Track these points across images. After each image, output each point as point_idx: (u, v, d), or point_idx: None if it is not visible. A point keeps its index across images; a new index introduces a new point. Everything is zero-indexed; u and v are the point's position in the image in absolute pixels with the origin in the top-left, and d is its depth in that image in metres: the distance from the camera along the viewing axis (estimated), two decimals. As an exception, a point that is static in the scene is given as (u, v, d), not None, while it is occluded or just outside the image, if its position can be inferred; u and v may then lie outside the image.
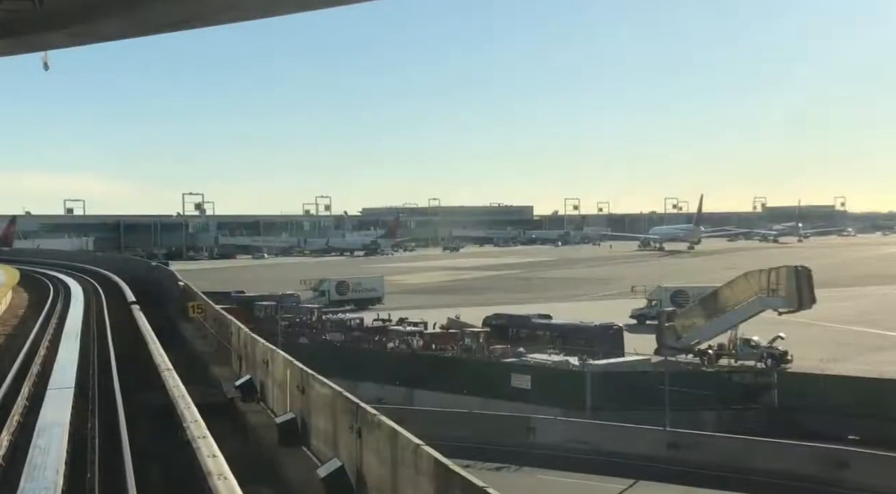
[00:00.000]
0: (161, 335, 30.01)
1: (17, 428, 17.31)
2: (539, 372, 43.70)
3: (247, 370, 25.04)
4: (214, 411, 18.68)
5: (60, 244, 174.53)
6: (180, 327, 38.89)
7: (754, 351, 56.45)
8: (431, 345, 53.12)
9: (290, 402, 19.22)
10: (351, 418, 14.55)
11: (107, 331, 34.43)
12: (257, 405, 22.22)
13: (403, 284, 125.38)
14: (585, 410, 40.04)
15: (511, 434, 37.39)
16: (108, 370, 25.20)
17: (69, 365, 25.04)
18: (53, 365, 25.11)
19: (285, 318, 69.19)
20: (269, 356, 21.86)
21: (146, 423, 18.98)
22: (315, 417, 17.28)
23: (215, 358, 30.25)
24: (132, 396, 21.31)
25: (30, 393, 20.96)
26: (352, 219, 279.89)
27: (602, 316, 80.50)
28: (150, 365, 24.56)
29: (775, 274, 57.38)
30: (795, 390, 41.92)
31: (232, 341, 28.37)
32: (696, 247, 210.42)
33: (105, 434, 17.03)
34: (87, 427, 17.49)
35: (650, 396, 40.36)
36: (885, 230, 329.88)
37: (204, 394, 21.24)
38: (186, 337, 36.22)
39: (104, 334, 33.85)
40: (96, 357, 28.19)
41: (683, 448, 34.91)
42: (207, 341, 34.18)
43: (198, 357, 31.01)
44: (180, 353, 28.87)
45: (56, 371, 24.00)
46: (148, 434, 17.99)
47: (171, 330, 37.20)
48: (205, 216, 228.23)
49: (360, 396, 17.50)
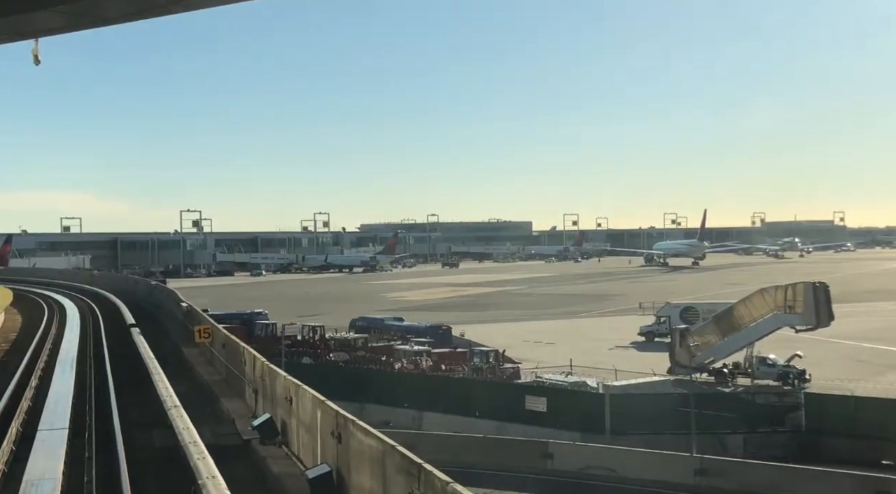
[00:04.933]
0: (164, 362, 28.25)
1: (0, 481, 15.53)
2: (555, 393, 41.75)
3: (265, 406, 22.47)
4: (229, 455, 16.88)
5: (57, 262, 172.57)
6: (184, 352, 36.56)
7: (771, 369, 54.64)
8: (441, 366, 51.11)
9: (323, 450, 16.47)
10: (410, 482, 11.56)
11: (105, 358, 32.44)
12: (279, 449, 19.64)
13: (405, 301, 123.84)
14: (605, 434, 38.16)
15: (527, 460, 35.45)
16: (106, 404, 23.10)
17: (63, 399, 23.09)
18: (46, 400, 23.16)
19: (287, 337, 67.38)
20: (292, 392, 19.30)
21: (152, 476, 16.87)
22: (357, 473, 14.43)
23: (226, 388, 28.06)
24: (135, 439, 19.43)
25: (17, 435, 18.98)
26: (350, 236, 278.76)
27: (611, 335, 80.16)
28: (153, 397, 22.75)
29: (792, 290, 55.75)
30: (821, 412, 39.85)
31: (245, 371, 25.77)
32: (700, 263, 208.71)
33: (103, 490, 15.22)
34: (82, 480, 15.63)
35: (672, 419, 38.60)
36: (883, 245, 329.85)
37: (216, 434, 19.52)
38: (192, 363, 33.80)
39: (102, 361, 31.84)
40: (94, 389, 26.09)
41: (712, 475, 32.79)
42: (216, 368, 31.86)
43: (206, 387, 28.79)
44: (186, 382, 27.16)
45: (48, 406, 22.13)
46: (155, 491, 16.04)
47: (174, 355, 35.25)
48: (202, 233, 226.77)
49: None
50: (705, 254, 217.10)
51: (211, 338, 33.44)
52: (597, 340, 77.39)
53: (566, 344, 74.61)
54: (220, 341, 31.86)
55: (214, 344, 33.06)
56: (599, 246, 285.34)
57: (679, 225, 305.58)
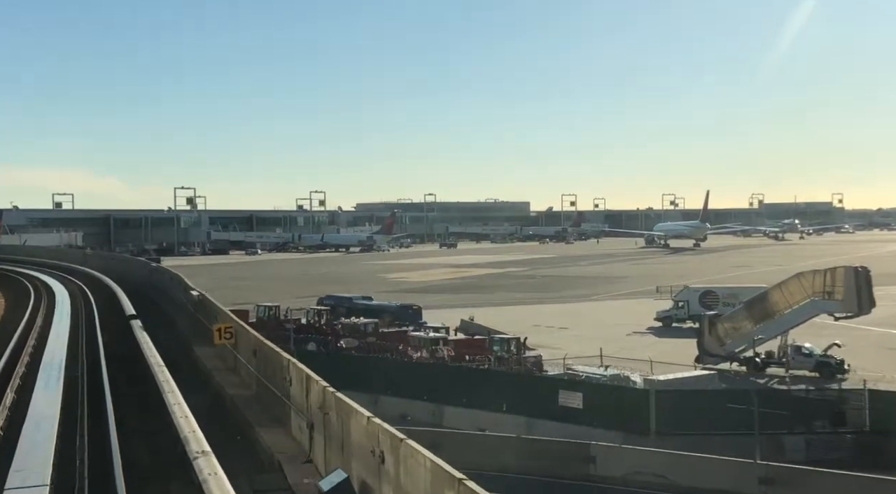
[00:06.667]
0: (175, 367, 23.34)
1: None
2: (592, 388, 38.14)
3: (329, 453, 16.46)
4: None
5: (49, 239, 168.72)
6: (197, 353, 31.06)
7: (807, 359, 51.47)
8: (465, 356, 47.16)
9: None
10: None
11: (101, 364, 26.77)
12: None
13: (407, 282, 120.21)
14: (649, 434, 34.66)
15: (567, 464, 31.86)
16: (105, 439, 17.36)
17: (45, 423, 17.87)
18: (23, 425, 17.79)
19: (290, 321, 63.82)
20: (387, 446, 13.22)
21: None
22: None
23: (259, 409, 22.18)
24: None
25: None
26: (346, 215, 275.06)
27: (625, 319, 76.87)
28: (165, 424, 17.72)
29: (831, 274, 52.64)
30: (885, 411, 36.21)
31: (292, 392, 19.45)
32: (701, 245, 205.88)
33: None
34: None
35: (721, 418, 35.20)
36: (881, 226, 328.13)
37: (258, 490, 14.49)
38: (209, 370, 28.29)
39: (97, 369, 26.11)
40: (87, 407, 20.62)
41: (780, 484, 28.77)
42: (241, 378, 26.06)
43: (232, 407, 22.83)
44: (206, 398, 22.30)
45: (24, 437, 16.69)
46: None
47: (186, 357, 30.10)
48: (196, 211, 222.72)
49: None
50: (706, 236, 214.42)
51: (234, 339, 27.59)
52: (612, 325, 73.91)
53: (580, 329, 71.38)
54: (249, 346, 25.56)
55: (239, 347, 27.31)
56: (597, 226, 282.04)
57: (676, 206, 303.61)
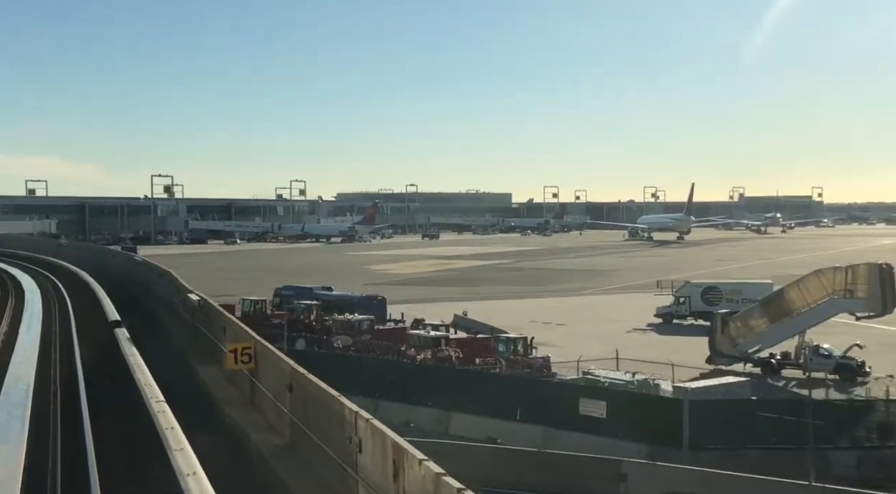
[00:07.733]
0: (175, 397, 17.69)
1: None
2: (617, 397, 35.03)
3: None
4: None
5: (21, 226, 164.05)
6: (202, 376, 24.56)
7: (827, 360, 48.93)
8: (474, 358, 43.89)
9: None
10: None
11: (80, 394, 21.09)
12: None
13: (391, 274, 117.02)
14: (681, 448, 31.71)
15: (594, 482, 28.89)
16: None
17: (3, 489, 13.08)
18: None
19: (278, 315, 60.49)
20: None
21: None
22: None
23: (299, 471, 15.76)
24: None
25: None
26: (327, 205, 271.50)
27: (623, 315, 74.33)
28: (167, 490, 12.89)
29: (852, 272, 50.14)
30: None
31: (361, 462, 13.22)
32: (685, 238, 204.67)
33: None
34: None
35: (757, 430, 32.41)
36: (860, 220, 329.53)
37: None
38: (219, 402, 21.57)
39: (75, 401, 20.36)
40: (59, 462, 15.60)
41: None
42: (265, 417, 19.56)
43: (262, 468, 16.36)
44: (221, 450, 16.16)
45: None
46: None
47: (188, 383, 23.49)
48: (174, 199, 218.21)
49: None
50: (690, 229, 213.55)
51: (253, 363, 20.84)
52: (610, 321, 71.22)
53: (578, 325, 68.58)
54: (280, 376, 18.44)
55: (262, 375, 20.49)
56: (580, 219, 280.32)
57: (658, 198, 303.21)
